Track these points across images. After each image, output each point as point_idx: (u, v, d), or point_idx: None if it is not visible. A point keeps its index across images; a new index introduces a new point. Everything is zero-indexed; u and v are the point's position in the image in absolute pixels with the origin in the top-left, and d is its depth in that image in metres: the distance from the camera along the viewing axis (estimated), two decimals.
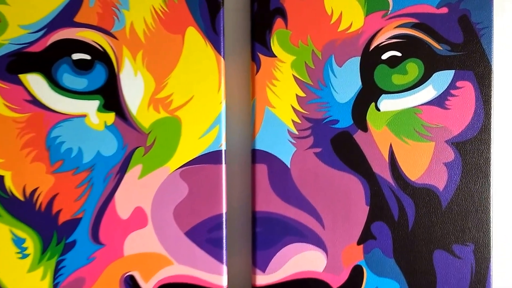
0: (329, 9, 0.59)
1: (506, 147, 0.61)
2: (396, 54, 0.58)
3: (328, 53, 0.58)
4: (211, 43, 0.58)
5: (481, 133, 0.59)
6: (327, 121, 0.58)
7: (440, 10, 0.58)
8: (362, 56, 0.58)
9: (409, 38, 0.59)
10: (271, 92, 0.58)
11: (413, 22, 0.58)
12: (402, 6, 0.58)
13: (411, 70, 0.58)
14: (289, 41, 0.59)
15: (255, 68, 0.59)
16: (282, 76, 0.58)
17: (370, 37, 0.58)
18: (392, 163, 0.59)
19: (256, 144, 0.58)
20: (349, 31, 0.59)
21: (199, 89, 0.57)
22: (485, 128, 0.59)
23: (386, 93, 0.58)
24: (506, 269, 0.63)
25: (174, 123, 0.58)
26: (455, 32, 0.58)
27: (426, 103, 0.59)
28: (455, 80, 0.58)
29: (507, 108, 0.62)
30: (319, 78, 0.58)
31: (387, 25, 0.58)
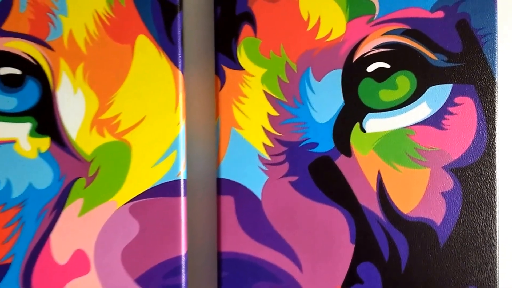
0: (305, 14, 0.39)
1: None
2: (384, 66, 0.40)
3: (304, 65, 0.39)
4: (166, 53, 0.39)
5: (484, 158, 0.47)
6: (305, 145, 0.41)
7: (435, 14, 0.39)
8: (345, 69, 0.40)
9: (399, 47, 0.39)
10: (238, 111, 0.39)
11: (404, 29, 0.39)
12: (390, 10, 0.39)
13: (401, 85, 0.40)
14: (259, 51, 0.39)
15: (219, 83, 0.39)
16: (251, 92, 0.39)
17: (354, 46, 0.39)
18: (381, 193, 0.47)
19: (221, 172, 0.39)
20: (329, 40, 0.39)
21: (153, 108, 0.44)
22: (488, 151, 0.47)
23: (372, 111, 0.40)
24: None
25: (122, 149, 0.44)
26: (452, 40, 0.39)
27: (420, 123, 0.40)
28: (453, 96, 0.41)
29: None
30: (294, 94, 0.39)
31: (373, 32, 0.39)
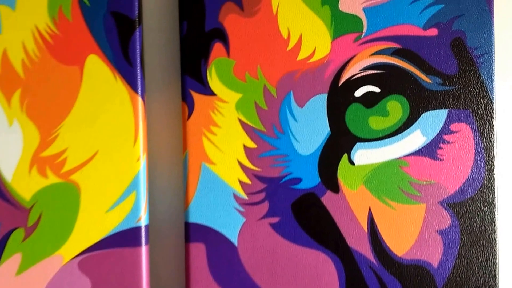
0: (284, 31, 0.25)
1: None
2: (373, 89, 0.31)
3: (285, 89, 0.26)
4: (123, 77, 0.24)
5: (482, 191, 0.38)
6: (287, 180, 0.33)
7: (428, 32, 0.27)
8: (330, 93, 0.29)
9: (390, 69, 0.26)
10: (210, 143, 0.26)
11: (394, 48, 0.26)
12: (379, 27, 0.26)
13: (393, 111, 0.30)
14: (233, 74, 0.25)
15: (186, 110, 0.25)
16: (224, 121, 0.25)
17: (340, 68, 0.26)
18: (373, 233, 0.38)
19: (190, 215, 0.26)
20: (312, 60, 0.27)
21: (107, 141, 0.35)
22: (487, 183, 0.38)
23: (361, 140, 0.30)
24: None
25: (69, 192, 0.35)
26: (447, 60, 0.27)
27: (414, 153, 0.28)
28: (448, 122, 0.33)
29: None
30: (274, 123, 0.27)
31: (360, 52, 0.26)
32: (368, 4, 0.36)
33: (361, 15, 0.36)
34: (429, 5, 0.37)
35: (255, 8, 0.36)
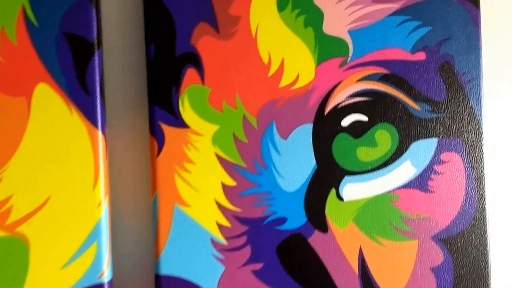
0: (265, 55, 0.17)
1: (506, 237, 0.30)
2: (361, 118, 0.22)
3: (267, 119, 0.17)
4: (79, 108, 0.15)
5: (474, 223, 0.32)
6: (270, 221, 0.25)
7: (416, 56, 0.19)
8: (315, 123, 0.21)
9: (377, 96, 0.18)
10: (183, 182, 0.18)
11: (382, 73, 0.18)
12: (366, 51, 0.18)
13: (381, 141, 0.21)
14: (208, 103, 0.16)
15: (156, 145, 0.16)
16: (199, 156, 0.17)
17: (325, 96, 0.18)
18: (364, 275, 0.32)
19: (161, 266, 0.16)
20: (295, 87, 0.18)
21: (61, 185, 0.27)
22: (479, 215, 0.32)
23: (350, 173, 0.22)
24: None
25: (15, 247, 0.25)
26: (436, 86, 0.20)
27: (404, 186, 0.20)
28: (439, 152, 0.31)
29: (503, 186, 0.36)
30: (255, 157, 0.19)
31: (347, 78, 0.18)
32: (353, 26, 0.30)
33: (346, 38, 0.30)
34: (416, 27, 0.31)
35: (232, 29, 0.28)
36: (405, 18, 0.32)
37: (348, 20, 0.32)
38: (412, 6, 0.32)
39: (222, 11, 0.30)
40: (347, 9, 0.32)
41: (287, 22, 0.31)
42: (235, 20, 0.30)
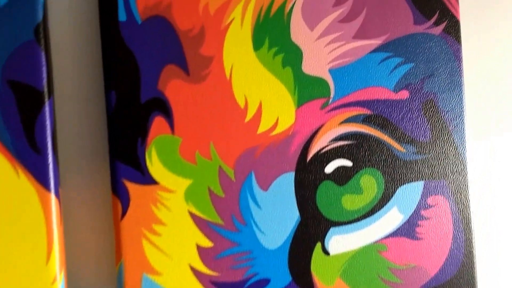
0: (241, 99, 0.14)
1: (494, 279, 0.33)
2: (345, 163, 0.20)
3: (245, 170, 0.15)
4: (28, 169, 0.11)
5: (463, 269, 0.30)
6: (252, 284, 0.21)
7: (399, 94, 0.17)
8: (298, 171, 0.19)
9: (361, 139, 0.16)
10: (152, 247, 0.13)
11: (365, 114, 0.15)
12: (348, 91, 0.16)
13: (367, 187, 0.19)
14: (179, 155, 0.13)
15: (120, 207, 0.11)
16: (170, 216, 0.13)
17: (307, 141, 0.15)
18: None
19: None
20: (275, 133, 0.15)
21: (7, 260, 0.22)
22: (467, 260, 0.30)
23: (335, 224, 0.18)
24: None
25: None
26: (420, 126, 0.18)
27: (392, 234, 0.18)
28: (425, 196, 0.29)
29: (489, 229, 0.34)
30: (233, 213, 0.15)
31: (329, 121, 0.16)
32: (334, 64, 0.27)
33: (327, 78, 0.27)
34: (398, 64, 0.29)
35: (204, 71, 0.25)
36: (387, 55, 0.31)
37: (328, 58, 0.29)
38: (393, 41, 0.31)
39: (192, 51, 0.26)
40: (327, 46, 0.29)
41: (264, 61, 0.28)
42: (207, 61, 0.27)
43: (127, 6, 0.25)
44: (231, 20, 0.27)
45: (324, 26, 0.29)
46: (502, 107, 0.35)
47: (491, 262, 0.34)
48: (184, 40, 0.26)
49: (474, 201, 0.35)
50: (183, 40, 0.26)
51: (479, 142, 0.35)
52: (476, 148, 0.35)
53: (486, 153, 0.35)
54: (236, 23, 0.27)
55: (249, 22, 0.27)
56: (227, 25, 0.27)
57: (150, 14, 0.26)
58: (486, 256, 0.35)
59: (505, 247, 0.34)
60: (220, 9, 0.27)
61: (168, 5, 0.26)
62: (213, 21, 0.27)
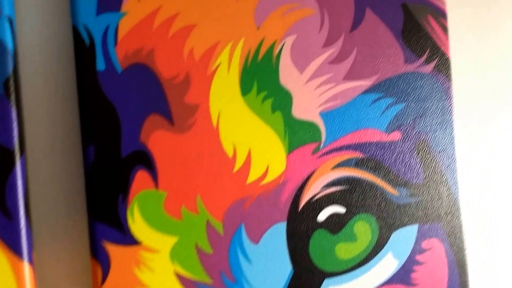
0: (229, 148, 0.12)
1: None
2: (338, 210, 0.19)
3: (234, 223, 0.14)
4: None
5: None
6: None
7: (391, 136, 0.16)
8: (289, 221, 0.18)
9: (354, 183, 0.15)
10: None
11: (357, 158, 0.14)
12: (339, 134, 0.15)
13: (361, 234, 0.19)
14: (164, 211, 0.11)
15: (99, 271, 0.10)
16: (155, 278, 0.14)
17: (298, 188, 0.14)
18: None
19: None
20: (265, 182, 0.14)
21: None
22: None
23: (330, 275, 0.20)
24: None
25: None
26: (413, 167, 0.18)
27: (387, 282, 0.18)
28: (420, 240, 0.29)
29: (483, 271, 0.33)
30: (223, 270, 0.15)
31: (321, 166, 0.15)
32: (325, 107, 0.26)
33: (318, 122, 0.26)
34: (390, 104, 0.28)
35: (189, 120, 0.24)
36: (378, 96, 0.30)
37: (319, 101, 0.28)
38: (384, 81, 0.30)
39: (176, 99, 0.25)
40: (318, 89, 0.28)
41: (252, 107, 0.27)
42: (192, 109, 0.25)
43: (106, 55, 0.23)
44: (218, 65, 0.26)
45: (314, 68, 0.28)
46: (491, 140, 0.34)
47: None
48: (168, 88, 0.25)
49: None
50: (167, 88, 0.25)
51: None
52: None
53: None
54: (223, 68, 0.26)
55: (237, 66, 0.26)
56: (214, 71, 0.26)
57: (131, 62, 0.24)
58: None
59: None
60: (206, 53, 0.25)
61: (150, 52, 0.24)
62: (199, 66, 0.25)
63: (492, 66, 0.34)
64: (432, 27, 0.31)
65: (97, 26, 0.23)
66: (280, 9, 0.27)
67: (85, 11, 0.23)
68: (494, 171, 0.34)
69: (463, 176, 0.34)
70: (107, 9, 0.23)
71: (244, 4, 0.26)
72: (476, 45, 0.34)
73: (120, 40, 0.24)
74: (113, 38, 0.23)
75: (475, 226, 0.34)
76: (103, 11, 0.23)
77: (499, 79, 0.34)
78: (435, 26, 0.31)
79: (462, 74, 0.33)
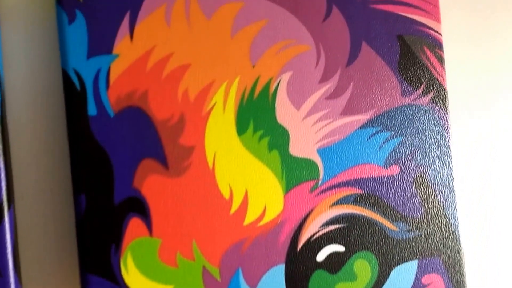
0: (225, 189, 0.11)
1: None
2: (338, 249, 0.20)
3: (231, 267, 0.13)
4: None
5: None
6: None
7: (389, 170, 0.16)
8: (288, 262, 0.16)
9: (353, 220, 0.14)
10: None
11: (356, 194, 0.14)
12: (337, 171, 0.14)
13: (361, 272, 0.19)
14: (159, 258, 0.10)
15: None
16: None
17: (297, 228, 0.14)
18: None
19: None
20: (263, 223, 0.13)
21: None
22: None
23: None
24: None
25: None
26: (411, 202, 0.18)
27: None
28: (420, 275, 0.30)
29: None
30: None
31: (319, 204, 0.14)
32: (322, 144, 0.26)
33: (315, 159, 0.26)
34: (387, 139, 0.28)
35: (184, 163, 0.23)
36: (375, 130, 0.29)
37: (316, 137, 0.28)
38: (381, 115, 0.29)
39: (171, 142, 0.24)
40: (315, 125, 0.28)
41: (249, 146, 0.26)
42: (187, 151, 0.25)
43: (98, 99, 0.23)
44: (213, 105, 0.25)
45: (311, 104, 0.27)
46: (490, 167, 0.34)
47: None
48: (162, 131, 0.24)
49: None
50: (161, 130, 0.24)
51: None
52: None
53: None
54: (218, 107, 0.25)
55: (232, 105, 0.26)
56: (209, 111, 0.25)
57: (124, 105, 0.23)
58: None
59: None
60: (201, 93, 0.25)
61: (144, 94, 0.24)
62: (194, 107, 0.25)
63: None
64: (429, 58, 0.31)
65: (88, 70, 0.22)
66: (275, 46, 0.27)
67: (76, 54, 0.22)
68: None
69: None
70: (99, 52, 0.23)
71: (239, 42, 0.26)
72: (472, 73, 0.34)
73: (112, 83, 0.23)
74: (105, 81, 0.23)
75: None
76: (94, 54, 0.22)
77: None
78: (431, 57, 0.31)
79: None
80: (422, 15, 0.31)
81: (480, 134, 0.33)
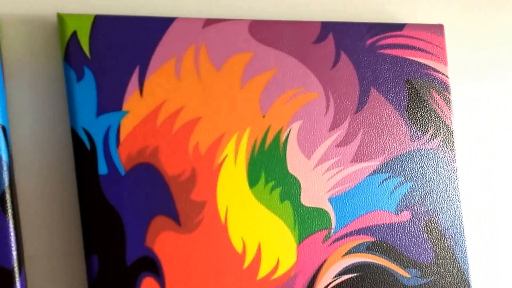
0: (238, 244, 0.12)
1: None
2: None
3: None
4: None
5: None
6: None
7: (400, 216, 0.16)
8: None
9: (366, 269, 0.14)
10: None
11: (368, 242, 0.14)
12: (349, 219, 0.15)
13: None
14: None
15: None
16: None
17: (310, 280, 0.13)
18: None
19: None
20: (276, 276, 0.13)
21: None
22: None
23: None
24: None
25: None
26: (423, 247, 0.18)
27: None
28: None
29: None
30: None
31: (332, 254, 0.14)
32: (334, 192, 0.26)
33: (327, 208, 0.26)
34: (398, 184, 0.28)
35: (197, 218, 0.23)
36: (386, 176, 0.29)
37: (327, 186, 0.28)
38: (391, 160, 0.30)
39: (183, 198, 0.24)
40: (326, 173, 0.28)
41: (261, 198, 0.26)
42: (199, 206, 0.24)
43: (108, 157, 0.22)
44: (224, 158, 0.25)
45: (321, 153, 0.27)
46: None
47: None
48: (174, 187, 0.24)
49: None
50: (172, 186, 0.24)
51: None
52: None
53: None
54: (230, 160, 0.25)
55: (243, 157, 0.25)
56: (220, 164, 0.25)
57: (135, 163, 0.23)
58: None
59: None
60: (212, 146, 0.25)
61: (155, 150, 0.23)
62: (204, 161, 0.24)
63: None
64: (436, 101, 0.31)
65: (97, 128, 0.22)
66: (285, 95, 0.27)
67: (85, 112, 0.22)
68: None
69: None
70: (108, 109, 0.22)
71: (249, 92, 0.26)
72: (476, 112, 0.34)
73: (122, 140, 0.23)
74: (115, 139, 0.22)
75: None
76: (104, 112, 0.22)
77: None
78: (438, 100, 0.31)
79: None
80: (429, 58, 0.31)
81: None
